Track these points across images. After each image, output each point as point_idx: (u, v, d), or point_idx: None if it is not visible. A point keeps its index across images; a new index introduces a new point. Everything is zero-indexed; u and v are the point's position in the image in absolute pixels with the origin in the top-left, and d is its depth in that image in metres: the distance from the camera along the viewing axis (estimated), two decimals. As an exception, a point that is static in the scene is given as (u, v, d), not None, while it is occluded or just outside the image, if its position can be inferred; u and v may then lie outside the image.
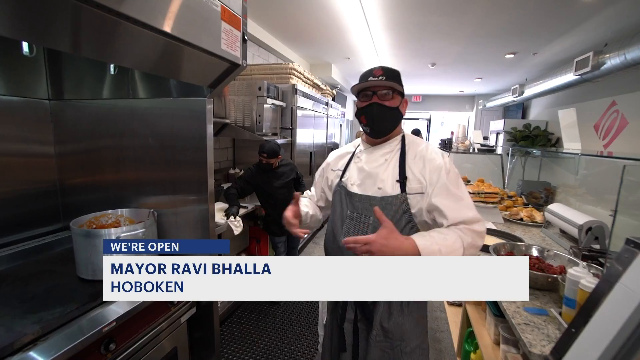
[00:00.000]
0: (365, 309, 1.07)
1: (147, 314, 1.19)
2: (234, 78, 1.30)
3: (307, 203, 1.25)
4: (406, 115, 1.16)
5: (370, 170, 1.06)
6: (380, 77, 1.01)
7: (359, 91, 1.06)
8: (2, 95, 1.40)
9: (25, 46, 1.27)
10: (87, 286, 1.18)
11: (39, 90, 1.53)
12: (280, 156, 2.49)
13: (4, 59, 1.38)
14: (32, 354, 0.85)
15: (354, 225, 1.05)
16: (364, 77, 1.05)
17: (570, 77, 3.44)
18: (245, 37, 1.22)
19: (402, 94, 1.06)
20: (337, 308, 1.15)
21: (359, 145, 1.18)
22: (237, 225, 2.25)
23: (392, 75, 1.03)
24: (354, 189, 1.08)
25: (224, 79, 1.27)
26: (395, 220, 0.98)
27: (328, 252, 1.15)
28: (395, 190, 1.01)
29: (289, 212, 1.10)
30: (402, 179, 1.01)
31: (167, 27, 0.89)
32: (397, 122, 1.08)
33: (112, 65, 1.42)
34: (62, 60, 1.54)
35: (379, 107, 1.02)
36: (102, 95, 1.53)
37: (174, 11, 0.91)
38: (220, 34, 1.08)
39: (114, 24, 0.82)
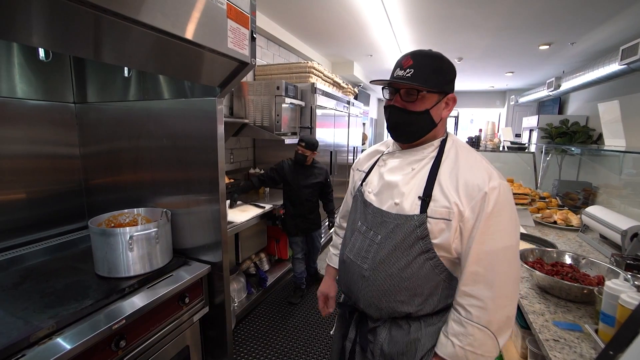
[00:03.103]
0: (362, 331, 0.95)
1: (158, 312, 1.21)
2: (243, 77, 1.29)
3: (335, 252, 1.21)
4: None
5: (390, 180, 0.89)
6: (407, 71, 0.81)
7: (383, 86, 0.89)
8: (32, 99, 1.48)
9: (41, 52, 1.33)
10: (103, 283, 1.21)
11: (65, 94, 1.61)
12: (316, 152, 2.55)
13: (33, 66, 1.46)
14: (44, 348, 0.88)
15: (360, 240, 0.92)
16: (395, 67, 0.87)
17: (615, 67, 3.17)
18: (254, 35, 1.20)
19: (441, 92, 0.84)
20: (344, 320, 1.04)
21: (390, 146, 1.01)
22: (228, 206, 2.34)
23: (423, 69, 0.81)
24: (370, 198, 0.93)
25: (233, 78, 1.25)
26: (405, 247, 0.82)
27: (339, 260, 1.04)
28: (414, 209, 0.82)
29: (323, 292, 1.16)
30: (426, 196, 0.81)
31: (170, 27, 0.88)
32: (427, 129, 0.87)
33: (126, 68, 1.46)
34: (85, 65, 1.61)
35: (399, 111, 0.85)
36: (120, 97, 1.58)
37: (178, 11, 0.90)
38: (227, 32, 1.07)
39: (121, 27, 0.82)
